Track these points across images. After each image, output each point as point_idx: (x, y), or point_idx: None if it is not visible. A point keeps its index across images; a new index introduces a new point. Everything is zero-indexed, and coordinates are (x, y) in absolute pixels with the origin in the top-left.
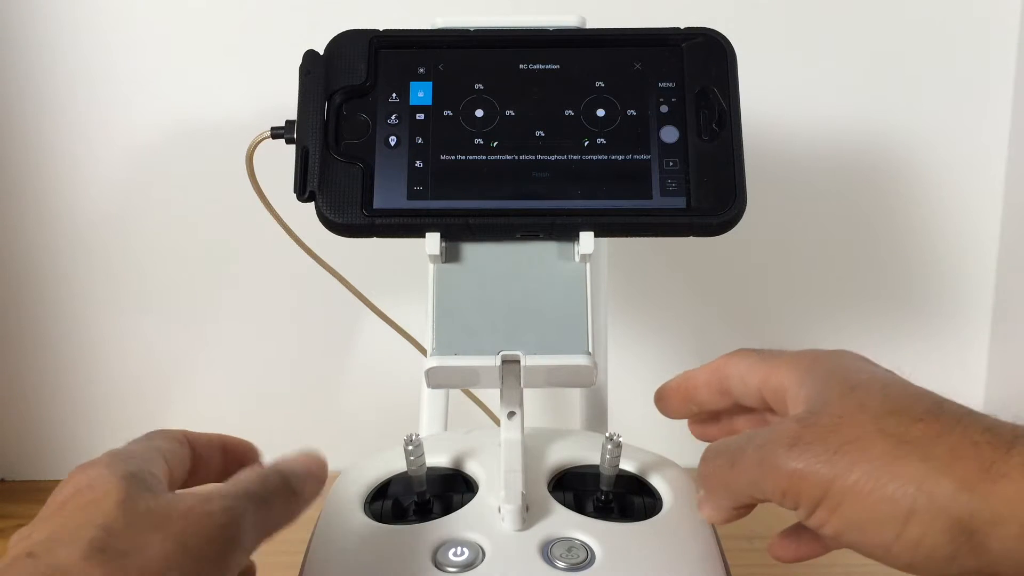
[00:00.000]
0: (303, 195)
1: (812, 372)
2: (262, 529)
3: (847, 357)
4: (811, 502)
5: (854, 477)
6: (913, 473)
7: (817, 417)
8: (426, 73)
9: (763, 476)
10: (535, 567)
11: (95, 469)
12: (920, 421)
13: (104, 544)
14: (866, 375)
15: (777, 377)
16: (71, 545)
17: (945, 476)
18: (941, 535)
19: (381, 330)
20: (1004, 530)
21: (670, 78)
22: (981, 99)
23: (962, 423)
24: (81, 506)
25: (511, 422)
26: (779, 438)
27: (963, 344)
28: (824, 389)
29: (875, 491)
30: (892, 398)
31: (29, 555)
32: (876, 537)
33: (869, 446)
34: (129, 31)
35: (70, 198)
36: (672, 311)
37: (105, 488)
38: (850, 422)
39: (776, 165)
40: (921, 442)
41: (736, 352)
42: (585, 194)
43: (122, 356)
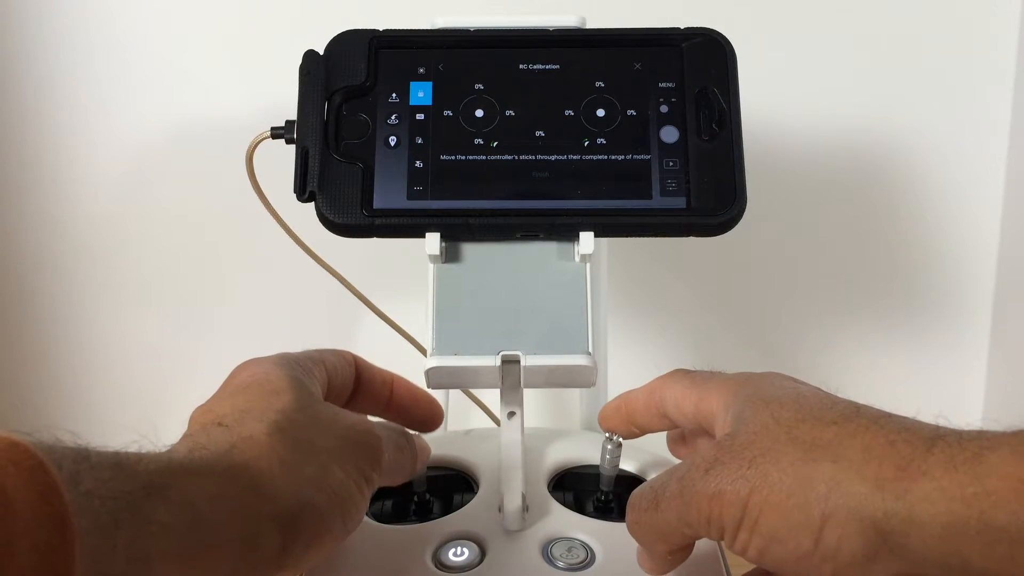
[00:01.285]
0: (303, 195)
1: (738, 395)
2: (391, 469)
3: (772, 377)
4: (733, 523)
5: (768, 488)
6: (825, 475)
7: (734, 438)
8: (426, 73)
9: (686, 507)
10: (535, 567)
11: (267, 365)
12: (833, 424)
13: (285, 426)
14: (785, 391)
15: (707, 403)
16: (259, 421)
17: (858, 476)
18: (858, 538)
19: (381, 330)
20: (925, 531)
21: (670, 78)
22: (981, 99)
23: (878, 423)
24: (262, 393)
25: (511, 422)
26: (698, 466)
27: (963, 345)
28: (744, 409)
29: (788, 498)
30: (805, 407)
31: (219, 424)
32: (796, 548)
33: (781, 455)
34: (129, 31)
35: (70, 198)
36: (672, 311)
37: (280, 384)
38: (763, 435)
39: (776, 165)
40: (833, 444)
41: (671, 374)
42: (585, 194)
43: (122, 356)
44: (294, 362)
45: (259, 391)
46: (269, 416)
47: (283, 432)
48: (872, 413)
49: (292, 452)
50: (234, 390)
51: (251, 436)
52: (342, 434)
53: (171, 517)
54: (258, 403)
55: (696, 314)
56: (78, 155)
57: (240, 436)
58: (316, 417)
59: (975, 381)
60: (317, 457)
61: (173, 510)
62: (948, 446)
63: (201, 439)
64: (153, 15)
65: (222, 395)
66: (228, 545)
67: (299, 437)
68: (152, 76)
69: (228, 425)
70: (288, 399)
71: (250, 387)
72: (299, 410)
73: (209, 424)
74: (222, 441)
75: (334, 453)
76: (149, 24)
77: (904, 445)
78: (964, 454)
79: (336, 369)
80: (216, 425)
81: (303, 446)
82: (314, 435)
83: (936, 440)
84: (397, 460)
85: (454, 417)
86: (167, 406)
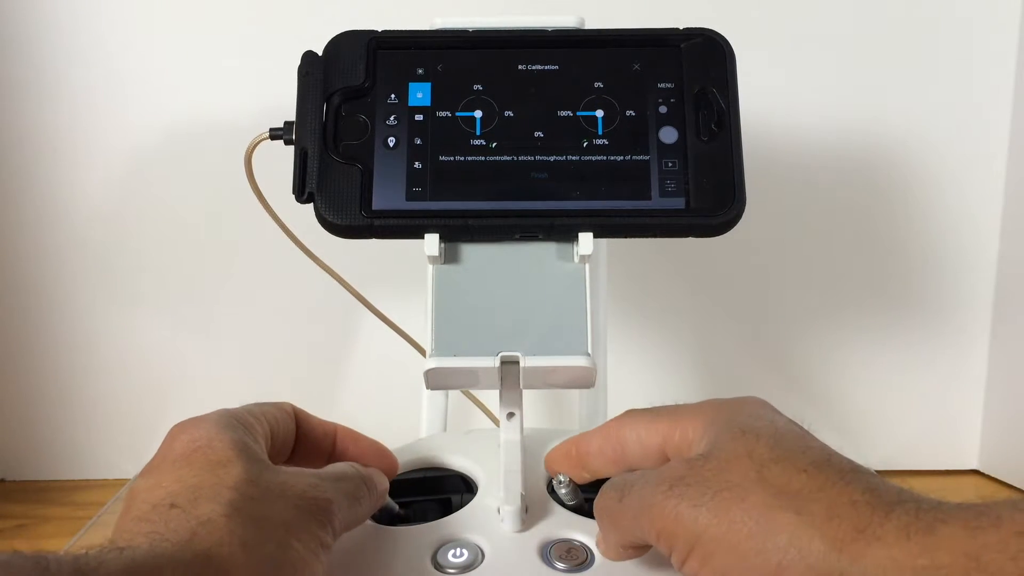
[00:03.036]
0: (302, 196)
1: (715, 421)
2: (346, 523)
3: (750, 404)
4: (685, 547)
5: (727, 525)
6: (787, 526)
7: (706, 460)
8: (425, 74)
9: (642, 513)
10: (534, 568)
11: (208, 427)
12: (803, 472)
13: (240, 505)
14: (763, 422)
15: (681, 430)
16: (213, 502)
17: (818, 533)
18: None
19: (380, 331)
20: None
21: (669, 78)
22: (981, 99)
23: (845, 479)
24: (208, 465)
25: (510, 423)
26: (665, 478)
27: (963, 344)
28: (720, 435)
29: (747, 540)
30: (781, 447)
31: (172, 505)
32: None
33: (748, 493)
34: (129, 32)
35: (69, 198)
36: (671, 312)
37: (226, 453)
38: (735, 467)
39: (775, 165)
40: (800, 495)
41: (626, 414)
42: (584, 195)
43: (122, 356)
44: (236, 422)
45: (205, 462)
46: (223, 495)
47: (239, 512)
48: (841, 465)
49: (251, 532)
50: (177, 460)
51: (209, 520)
52: (295, 504)
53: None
54: (207, 478)
55: (696, 315)
56: (77, 155)
57: (198, 520)
58: (268, 488)
59: (975, 381)
60: (275, 533)
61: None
62: (906, 513)
63: (159, 527)
64: (152, 16)
65: (164, 465)
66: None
67: (255, 515)
68: (151, 77)
69: (181, 507)
70: (237, 471)
71: (193, 457)
72: (250, 483)
73: (160, 505)
74: (181, 529)
75: (290, 526)
76: (148, 25)
77: (865, 507)
78: (919, 524)
79: (278, 423)
80: (169, 507)
81: (260, 524)
82: (268, 509)
83: (895, 506)
84: (353, 514)
85: (453, 418)
86: (166, 406)
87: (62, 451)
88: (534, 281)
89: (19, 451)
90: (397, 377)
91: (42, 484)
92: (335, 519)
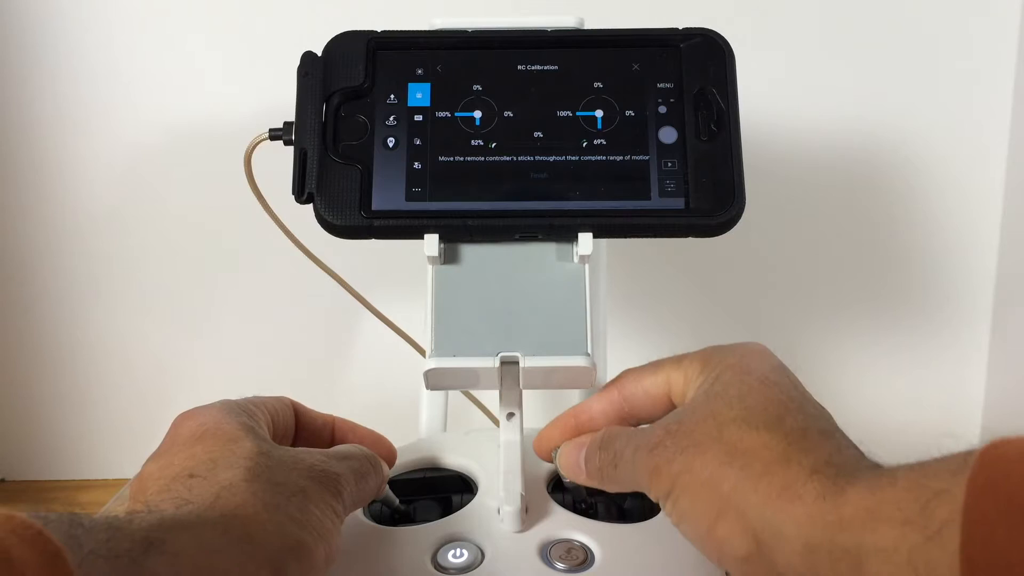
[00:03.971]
0: (301, 197)
1: (706, 370)
2: (354, 500)
3: (745, 354)
4: (664, 494)
5: (690, 475)
6: (731, 480)
7: (679, 425)
8: (424, 74)
9: (635, 473)
10: (534, 568)
11: (214, 413)
12: (756, 431)
13: (257, 471)
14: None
15: (684, 377)
16: (231, 469)
17: (753, 489)
18: (740, 537)
19: (380, 332)
20: (788, 546)
21: (668, 79)
22: (981, 98)
23: (788, 439)
24: (220, 441)
25: (510, 423)
26: (647, 443)
27: (963, 344)
28: (697, 397)
29: (701, 488)
30: (742, 405)
31: (191, 475)
32: (695, 528)
33: (707, 450)
34: (129, 32)
35: (69, 198)
36: (671, 312)
37: (235, 432)
38: (700, 427)
39: (775, 165)
40: (747, 453)
41: (624, 373)
42: (584, 195)
43: (121, 357)
44: (239, 409)
45: (216, 440)
46: (240, 463)
47: (259, 477)
48: (792, 425)
49: (272, 495)
50: (187, 441)
51: (231, 484)
52: (307, 474)
53: (171, 571)
54: (221, 451)
55: (696, 315)
56: (77, 155)
57: (220, 485)
58: (281, 460)
59: (975, 381)
60: (294, 497)
61: (172, 564)
62: (826, 477)
63: (182, 493)
64: (152, 16)
65: (175, 447)
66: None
67: (273, 480)
68: (150, 77)
69: (201, 475)
70: (248, 445)
71: (204, 437)
72: (263, 454)
73: (179, 477)
74: (205, 494)
75: (306, 492)
76: (148, 25)
77: (795, 467)
78: (834, 487)
79: (277, 412)
80: (188, 477)
81: (279, 488)
82: (285, 477)
83: (819, 470)
84: (361, 490)
85: (453, 418)
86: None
87: (62, 451)
88: (534, 281)
89: (20, 451)
90: (397, 377)
91: (43, 484)
92: (344, 492)
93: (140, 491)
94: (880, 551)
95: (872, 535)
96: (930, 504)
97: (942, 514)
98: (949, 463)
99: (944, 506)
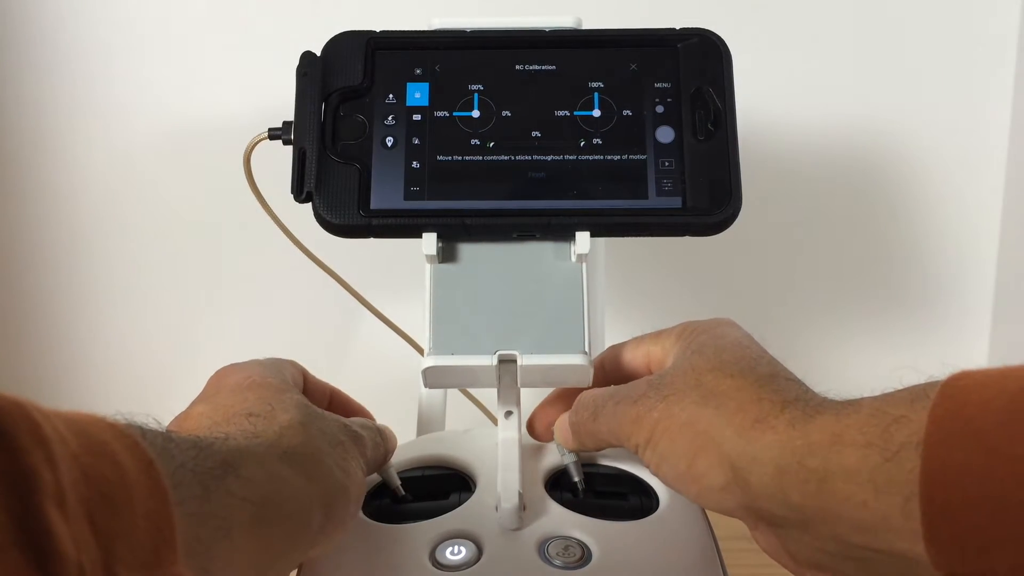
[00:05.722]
0: (300, 196)
1: (682, 337)
2: (369, 464)
3: (716, 324)
4: (643, 441)
5: (669, 419)
6: (708, 418)
7: (661, 378)
8: (423, 74)
9: (616, 424)
10: (532, 565)
11: (257, 368)
12: (730, 377)
13: (309, 420)
14: (714, 340)
15: (662, 347)
16: (287, 413)
17: (728, 423)
18: (717, 468)
19: (378, 330)
20: (761, 468)
21: (666, 78)
22: (981, 99)
23: (760, 382)
24: (271, 391)
25: (508, 421)
26: (630, 395)
27: (963, 343)
28: (679, 356)
29: (680, 429)
30: (719, 358)
31: (250, 415)
32: (674, 468)
33: (685, 396)
34: (129, 32)
35: (68, 197)
36: (669, 310)
37: (279, 384)
38: (680, 378)
39: (772, 165)
40: (723, 395)
41: (608, 348)
42: (581, 194)
43: (120, 356)
44: (275, 367)
45: (266, 389)
46: (293, 409)
47: (312, 423)
48: (762, 372)
49: (322, 442)
50: (236, 389)
51: (290, 425)
52: (343, 430)
53: (245, 493)
54: (273, 398)
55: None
56: (76, 155)
57: (281, 425)
58: (321, 415)
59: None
60: (338, 447)
61: (246, 487)
62: (796, 409)
63: (246, 427)
64: (151, 15)
65: (222, 393)
66: (286, 522)
67: (323, 429)
68: (150, 76)
69: (261, 415)
70: (296, 396)
71: (253, 387)
72: (307, 407)
73: (237, 415)
74: (268, 431)
75: (345, 446)
76: (147, 25)
77: (767, 403)
78: (803, 416)
79: (298, 374)
80: (247, 416)
81: (328, 438)
82: (330, 428)
83: (789, 404)
84: (374, 457)
85: (452, 416)
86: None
87: None
88: (531, 280)
89: None
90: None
91: None
92: (367, 452)
93: (190, 428)
94: (843, 471)
95: (837, 456)
96: (890, 428)
97: (900, 437)
98: (909, 392)
99: (902, 430)
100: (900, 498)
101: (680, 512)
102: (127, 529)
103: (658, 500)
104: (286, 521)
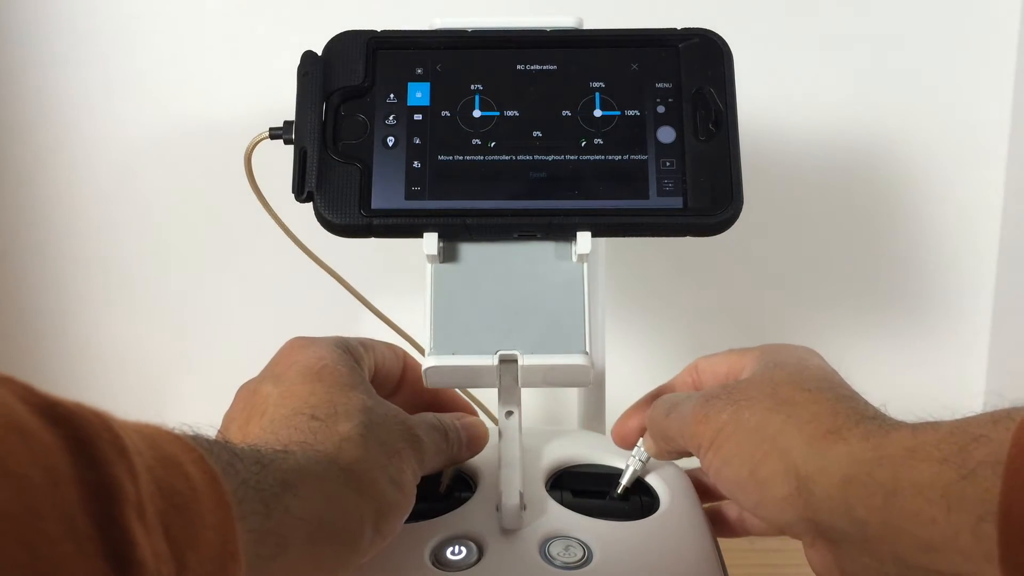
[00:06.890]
0: (301, 195)
1: (764, 354)
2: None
3: (798, 349)
4: (707, 442)
5: (737, 422)
6: (778, 425)
7: (737, 384)
8: (424, 74)
9: (684, 422)
10: (533, 565)
11: (328, 349)
12: (806, 391)
13: (370, 427)
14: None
15: (742, 361)
16: (349, 421)
17: (798, 432)
18: (782, 477)
19: (379, 330)
20: (827, 479)
21: (667, 79)
22: (981, 99)
23: (837, 397)
24: (338, 386)
25: (509, 421)
26: (704, 396)
27: (963, 344)
28: (758, 368)
29: (748, 434)
30: (798, 374)
31: (313, 417)
32: (736, 473)
33: (757, 403)
34: (128, 31)
35: (67, 197)
36: (670, 310)
37: (350, 377)
38: (757, 387)
39: (773, 165)
40: (796, 405)
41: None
42: (582, 194)
43: (120, 357)
44: (351, 350)
45: (333, 382)
46: (355, 416)
47: (372, 433)
48: (842, 392)
49: (380, 454)
50: (306, 374)
51: (349, 437)
52: (404, 435)
53: (303, 512)
54: (339, 397)
55: (694, 313)
56: (76, 154)
57: (340, 436)
58: (386, 416)
59: (975, 379)
60: (396, 458)
61: (304, 506)
62: (871, 423)
63: (307, 437)
64: (151, 15)
65: (291, 375)
66: (338, 538)
67: (382, 438)
68: (150, 76)
69: (322, 420)
70: (362, 396)
71: (323, 375)
72: (371, 409)
73: (300, 414)
74: (328, 443)
75: (402, 454)
76: (147, 24)
77: (842, 417)
78: (879, 431)
79: (384, 361)
80: (311, 418)
81: (386, 448)
82: (388, 436)
83: (866, 420)
84: (434, 461)
85: None
86: (165, 406)
87: None
88: (532, 280)
89: None
90: None
91: None
92: (425, 457)
93: (258, 414)
94: (914, 485)
95: (909, 471)
96: (968, 447)
97: (979, 455)
98: (992, 414)
99: (982, 448)
100: (973, 517)
101: (681, 512)
102: (198, 541)
103: (659, 500)
104: (339, 538)
